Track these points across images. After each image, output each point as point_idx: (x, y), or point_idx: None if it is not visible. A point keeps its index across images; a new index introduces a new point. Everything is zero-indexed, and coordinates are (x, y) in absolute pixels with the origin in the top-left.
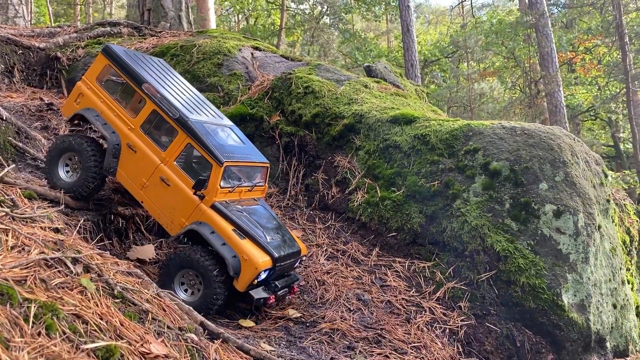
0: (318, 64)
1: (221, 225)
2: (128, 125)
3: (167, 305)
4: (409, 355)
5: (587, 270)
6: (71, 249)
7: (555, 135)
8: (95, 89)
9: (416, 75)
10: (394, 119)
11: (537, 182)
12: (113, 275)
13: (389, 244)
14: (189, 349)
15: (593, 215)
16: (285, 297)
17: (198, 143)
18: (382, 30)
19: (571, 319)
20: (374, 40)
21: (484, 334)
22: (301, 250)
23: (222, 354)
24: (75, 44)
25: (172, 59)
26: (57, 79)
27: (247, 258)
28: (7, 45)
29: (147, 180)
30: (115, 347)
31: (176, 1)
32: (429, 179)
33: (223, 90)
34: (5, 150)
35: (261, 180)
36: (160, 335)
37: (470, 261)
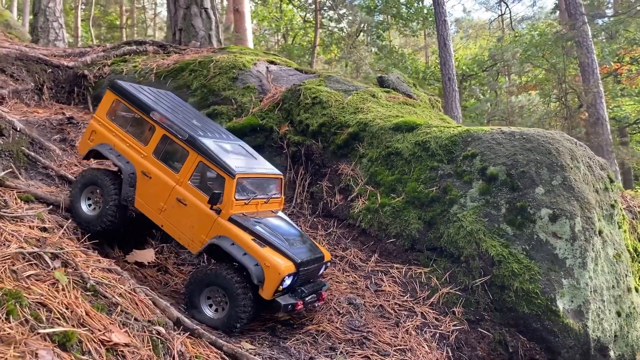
0: (329, 76)
1: (240, 236)
2: (141, 153)
3: (140, 300)
4: (392, 357)
5: (584, 275)
6: (53, 245)
7: (555, 139)
8: (107, 124)
9: (454, 90)
10: (396, 127)
11: (533, 187)
12: (91, 271)
13: (388, 250)
14: (152, 340)
15: (592, 220)
16: (315, 303)
17: (209, 159)
18: (421, 45)
19: (566, 325)
20: (412, 56)
21: (476, 339)
22: (324, 256)
23: (191, 348)
24: (102, 62)
25: (190, 74)
26: (84, 95)
27: (270, 265)
28: (37, 64)
29: (165, 204)
30: (72, 333)
31: (206, 21)
32: (428, 184)
33: (236, 102)
34: (18, 159)
35: (277, 192)
36: (126, 326)
37: (466, 266)
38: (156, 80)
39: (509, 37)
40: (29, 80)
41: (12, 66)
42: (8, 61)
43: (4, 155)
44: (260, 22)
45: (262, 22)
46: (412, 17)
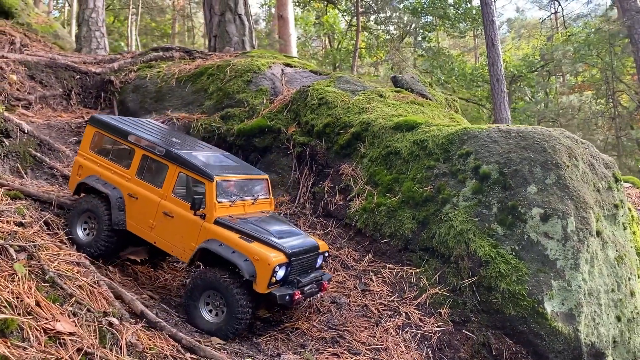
0: (339, 76)
1: (227, 235)
2: (125, 177)
3: (100, 292)
4: (363, 356)
5: (577, 277)
6: (23, 239)
7: (552, 137)
8: (91, 157)
9: (502, 91)
10: (396, 126)
11: (525, 185)
12: (57, 263)
13: (382, 250)
14: (101, 330)
15: (587, 220)
16: (317, 293)
17: (187, 168)
18: (470, 46)
19: (554, 329)
20: (459, 57)
21: (460, 341)
22: (319, 245)
23: (146, 340)
24: (129, 68)
25: (208, 78)
26: (110, 100)
27: (258, 258)
28: (66, 71)
29: (154, 220)
30: (12, 320)
31: (240, 27)
32: (423, 184)
33: (248, 105)
34: (24, 160)
35: (264, 193)
36: (76, 316)
37: (455, 267)
38: (177, 84)
39: (560, 36)
40: (57, 86)
41: (41, 73)
42: (38, 68)
43: (11, 156)
44: (305, 28)
45: (306, 27)
46: (460, 17)
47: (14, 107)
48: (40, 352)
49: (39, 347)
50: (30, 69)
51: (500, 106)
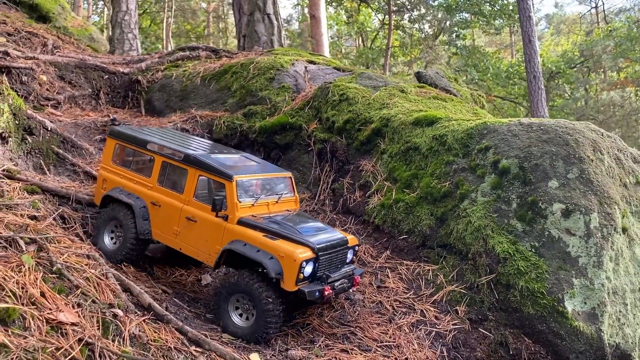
0: (362, 72)
1: (251, 235)
2: (147, 186)
3: (107, 284)
4: (373, 353)
5: (600, 275)
6: (35, 231)
7: (575, 130)
8: (114, 169)
9: (539, 88)
10: (416, 121)
11: (546, 180)
12: (67, 256)
13: (399, 247)
14: (104, 321)
15: (612, 216)
16: (349, 289)
17: (206, 170)
18: (507, 43)
19: (575, 328)
20: (495, 55)
21: (477, 339)
22: (348, 240)
23: (152, 332)
24: (156, 68)
25: (232, 76)
26: (137, 99)
27: (284, 255)
28: (94, 71)
29: (178, 226)
30: (14, 309)
31: (268, 26)
32: (442, 179)
33: (271, 102)
34: (47, 157)
35: (288, 191)
36: (80, 307)
37: (473, 264)
38: (201, 83)
39: (600, 31)
40: (86, 86)
41: (71, 73)
42: (68, 69)
43: (35, 153)
44: (338, 28)
45: (339, 27)
46: (495, 14)
47: (43, 106)
48: (40, 341)
49: (40, 336)
50: (60, 69)
51: (537, 104)
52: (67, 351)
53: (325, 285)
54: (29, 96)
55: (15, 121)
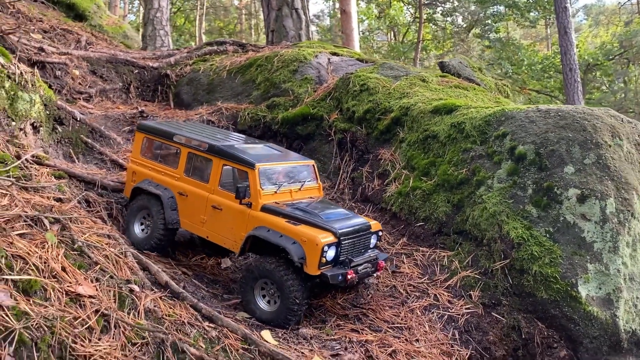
0: (383, 63)
1: (274, 221)
2: (174, 177)
3: (126, 262)
4: (384, 333)
5: (616, 261)
6: (59, 212)
7: (593, 116)
8: (143, 162)
9: (575, 81)
10: (435, 109)
11: (562, 166)
12: (88, 235)
13: (416, 234)
14: (121, 295)
15: (630, 202)
16: (373, 273)
17: (230, 159)
18: (542, 36)
19: (589, 313)
20: (530, 48)
21: (490, 323)
22: (371, 225)
23: (167, 307)
24: (184, 62)
25: (256, 69)
26: (166, 93)
27: (306, 239)
28: (125, 66)
29: (205, 215)
30: (36, 281)
31: (296, 21)
32: (459, 167)
33: (293, 94)
34: (76, 146)
35: (311, 179)
36: (98, 282)
37: (488, 250)
38: (227, 76)
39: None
40: (117, 81)
41: (102, 68)
42: (99, 64)
43: (64, 142)
44: (370, 23)
45: (370, 22)
46: (530, 6)
47: (75, 99)
48: (59, 311)
49: (59, 306)
50: (92, 64)
51: (573, 97)
52: (84, 321)
53: (349, 269)
54: (62, 89)
55: (46, 112)
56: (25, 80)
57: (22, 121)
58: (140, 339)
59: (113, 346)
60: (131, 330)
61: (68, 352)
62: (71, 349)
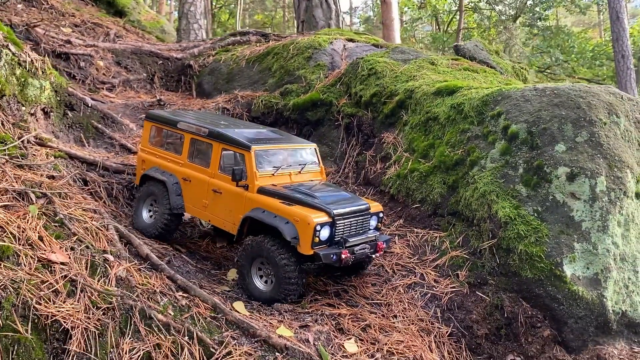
0: (395, 47)
1: (269, 202)
2: (179, 163)
3: (105, 234)
4: (360, 308)
5: (605, 240)
6: (48, 188)
7: (589, 93)
8: (151, 150)
9: (628, 68)
10: (437, 91)
11: (553, 144)
12: (73, 209)
13: (412, 216)
14: (93, 264)
15: (622, 180)
16: (371, 255)
17: (227, 142)
18: (595, 22)
19: (574, 293)
20: (581, 35)
21: (474, 302)
22: (370, 206)
23: (142, 277)
24: (207, 53)
25: (273, 57)
26: (189, 83)
27: (299, 218)
28: (149, 57)
29: (206, 199)
30: (9, 247)
31: (326, 10)
32: (455, 148)
33: (306, 80)
34: (87, 130)
35: (312, 162)
36: (73, 251)
37: (477, 230)
38: (246, 65)
39: None
40: (141, 71)
41: (127, 59)
42: (124, 55)
43: (75, 127)
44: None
45: (411, 11)
46: None
47: (98, 89)
48: (27, 275)
49: (29, 270)
50: (118, 56)
51: (625, 85)
52: (51, 284)
53: (344, 249)
54: (85, 80)
55: (57, 98)
56: (36, 68)
57: (32, 106)
58: (106, 304)
59: (76, 308)
60: (98, 296)
61: (31, 312)
62: (34, 309)
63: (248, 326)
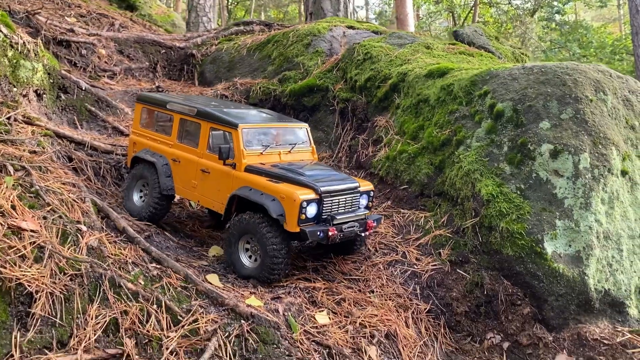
0: (392, 33)
1: (256, 180)
2: (169, 144)
3: (81, 206)
4: (336, 283)
5: (587, 217)
6: (28, 161)
7: (577, 70)
8: (142, 132)
9: None
10: (429, 74)
11: (538, 121)
12: (51, 182)
13: (399, 197)
14: (64, 233)
15: (606, 157)
16: (361, 233)
17: (215, 121)
18: (615, 17)
19: (554, 270)
20: (601, 29)
21: (455, 280)
22: (360, 185)
23: (114, 248)
24: (210, 42)
25: (273, 45)
26: (192, 72)
27: (284, 195)
28: (152, 46)
29: (195, 180)
30: None
31: (335, 2)
32: (443, 128)
33: (304, 67)
34: (81, 113)
35: (303, 142)
36: (45, 220)
37: (462, 208)
38: (247, 53)
39: None
40: (144, 60)
41: (129, 48)
42: (127, 44)
43: (69, 109)
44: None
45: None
46: None
47: (99, 76)
48: None
49: None
50: (120, 44)
51: None
52: (18, 250)
53: (331, 226)
54: (87, 67)
55: (50, 80)
56: (28, 50)
57: (23, 87)
58: (74, 271)
59: (42, 273)
60: (66, 262)
61: None
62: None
63: (217, 296)
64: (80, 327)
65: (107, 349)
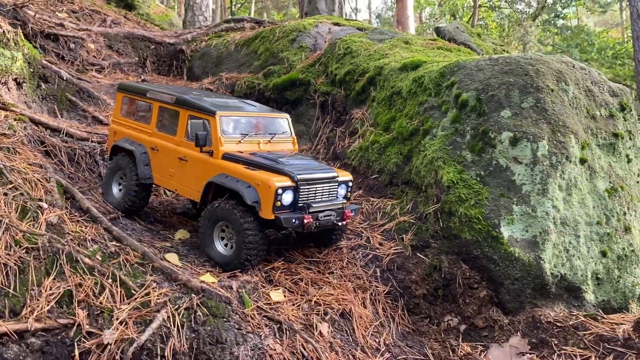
0: (375, 29)
1: (233, 167)
2: (148, 132)
3: (44, 185)
4: (297, 264)
5: (544, 204)
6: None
7: (540, 61)
8: (122, 121)
9: None
10: (403, 67)
11: (499, 110)
12: (17, 162)
13: (370, 186)
14: (24, 209)
15: (564, 145)
16: (338, 222)
17: (194, 109)
18: (617, 22)
19: (510, 254)
20: (603, 34)
21: (415, 264)
22: (338, 174)
23: (74, 226)
24: (200, 38)
25: (260, 41)
26: (181, 68)
27: (260, 182)
28: (142, 42)
29: (173, 168)
30: None
31: (329, 3)
32: (412, 119)
33: (288, 61)
34: (61, 103)
35: (283, 132)
36: (5, 196)
37: (425, 195)
38: (234, 49)
39: None
40: (133, 55)
41: (119, 43)
42: (117, 39)
43: (50, 99)
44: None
45: (429, 8)
46: None
47: (87, 70)
48: None
49: None
50: (110, 40)
51: None
52: None
53: (306, 214)
54: (74, 61)
55: (30, 69)
56: (7, 39)
57: (2, 75)
58: (30, 244)
59: None
60: (22, 236)
61: None
62: None
63: (172, 272)
64: (34, 298)
65: (59, 318)
